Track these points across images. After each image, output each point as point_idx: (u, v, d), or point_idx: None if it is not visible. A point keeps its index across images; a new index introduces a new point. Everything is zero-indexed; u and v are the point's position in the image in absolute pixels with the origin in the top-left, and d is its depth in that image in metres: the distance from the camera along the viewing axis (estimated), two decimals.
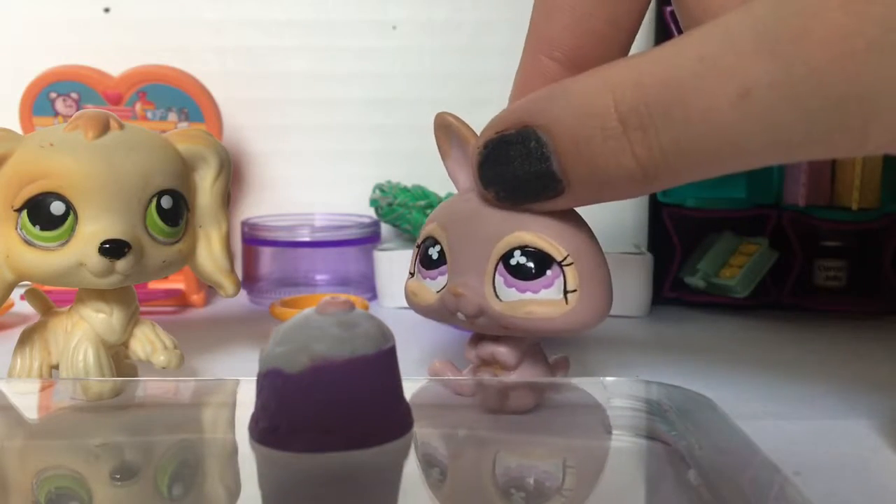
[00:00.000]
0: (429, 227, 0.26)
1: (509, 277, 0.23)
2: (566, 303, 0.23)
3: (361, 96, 0.53)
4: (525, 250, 0.23)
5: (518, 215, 0.24)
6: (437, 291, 0.25)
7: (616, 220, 0.49)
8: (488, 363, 0.26)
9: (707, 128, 0.19)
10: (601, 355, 0.37)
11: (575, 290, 0.23)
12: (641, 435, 0.22)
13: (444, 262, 0.25)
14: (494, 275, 0.24)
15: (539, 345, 0.26)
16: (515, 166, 0.22)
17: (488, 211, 0.24)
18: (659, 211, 0.46)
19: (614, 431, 0.23)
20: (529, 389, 0.25)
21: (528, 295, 0.23)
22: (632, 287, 0.44)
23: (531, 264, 0.23)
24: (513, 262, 0.23)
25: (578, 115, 0.21)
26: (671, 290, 0.46)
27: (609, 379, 0.25)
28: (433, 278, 0.26)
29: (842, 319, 0.44)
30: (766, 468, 0.19)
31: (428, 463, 0.21)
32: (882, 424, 0.28)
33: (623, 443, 0.22)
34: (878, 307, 0.45)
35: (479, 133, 0.24)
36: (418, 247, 0.26)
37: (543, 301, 0.23)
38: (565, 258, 0.23)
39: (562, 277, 0.23)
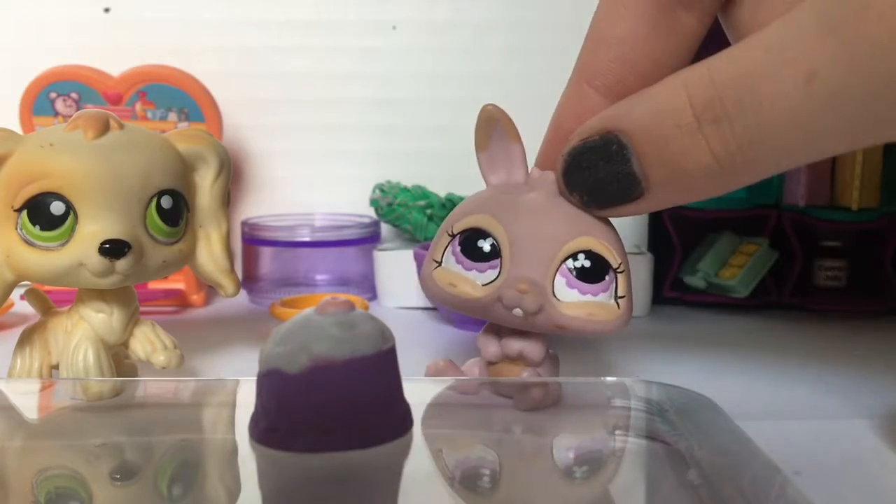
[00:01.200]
0: (474, 218, 0.25)
1: (572, 279, 0.24)
2: (618, 307, 0.25)
3: (361, 96, 0.53)
4: (589, 254, 0.24)
5: (583, 220, 0.24)
6: (485, 285, 0.25)
7: (616, 220, 0.49)
8: (513, 360, 0.26)
9: (777, 115, 0.19)
10: (601, 355, 0.37)
11: (624, 297, 0.25)
12: (641, 435, 0.22)
13: (497, 256, 0.25)
14: (556, 275, 0.24)
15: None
16: (599, 170, 0.23)
17: (552, 211, 0.24)
18: (659, 211, 0.46)
19: (614, 431, 0.23)
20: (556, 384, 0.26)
21: (589, 297, 0.24)
22: (632, 287, 0.44)
23: (595, 268, 0.24)
24: (577, 264, 0.24)
25: (655, 115, 0.21)
26: (671, 290, 0.46)
27: (609, 379, 0.25)
28: (481, 271, 0.25)
29: (842, 319, 0.44)
30: (766, 468, 0.19)
31: (427, 463, 0.21)
32: (882, 424, 0.28)
33: (623, 443, 0.22)
34: (878, 307, 0.45)
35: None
36: (453, 235, 0.26)
37: (602, 304, 0.24)
38: (619, 265, 0.25)
39: (615, 283, 0.25)
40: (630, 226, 0.50)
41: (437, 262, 0.26)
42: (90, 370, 0.27)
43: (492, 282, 0.25)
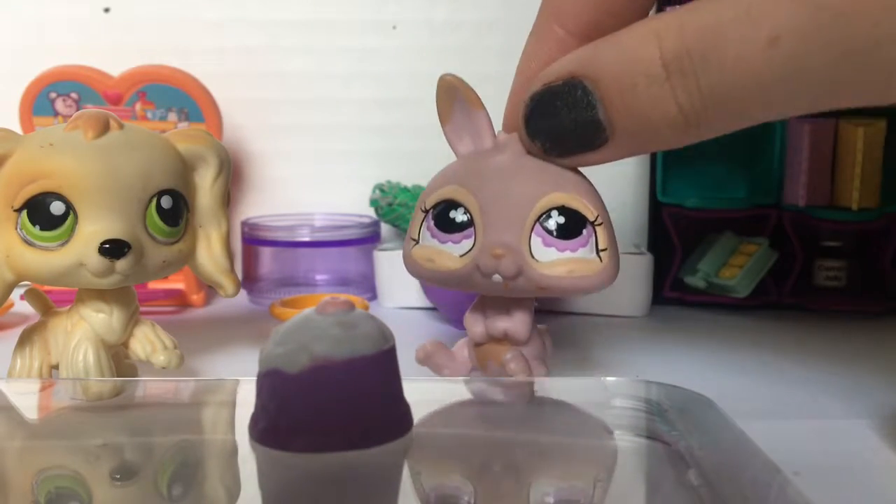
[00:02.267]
0: (445, 190, 0.25)
1: (548, 237, 0.24)
2: (600, 261, 0.24)
3: (361, 96, 0.53)
4: (563, 210, 0.24)
5: (552, 175, 0.24)
6: (462, 255, 0.25)
7: (616, 220, 0.49)
8: (499, 340, 0.26)
9: (739, 74, 0.19)
10: (601, 355, 0.37)
11: (605, 249, 0.24)
12: (641, 435, 0.22)
13: (471, 225, 0.25)
14: (531, 235, 0.24)
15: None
16: (562, 116, 0.23)
17: (519, 172, 0.24)
18: (659, 211, 0.46)
19: (614, 431, 0.23)
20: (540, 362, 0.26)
21: (567, 254, 0.24)
22: (632, 287, 0.44)
23: (570, 224, 0.24)
24: (551, 222, 0.24)
25: (624, 63, 0.21)
26: (671, 290, 0.46)
27: (609, 379, 0.25)
28: (456, 242, 0.25)
29: (842, 319, 0.44)
30: (766, 468, 0.19)
31: (427, 463, 0.21)
32: (882, 424, 0.28)
33: (623, 443, 0.22)
34: (878, 307, 0.45)
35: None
36: (426, 212, 0.26)
37: (582, 259, 0.24)
38: (597, 218, 0.24)
39: (594, 237, 0.24)
40: (630, 226, 0.50)
41: (414, 240, 0.26)
42: (90, 370, 0.27)
43: (468, 251, 0.25)
